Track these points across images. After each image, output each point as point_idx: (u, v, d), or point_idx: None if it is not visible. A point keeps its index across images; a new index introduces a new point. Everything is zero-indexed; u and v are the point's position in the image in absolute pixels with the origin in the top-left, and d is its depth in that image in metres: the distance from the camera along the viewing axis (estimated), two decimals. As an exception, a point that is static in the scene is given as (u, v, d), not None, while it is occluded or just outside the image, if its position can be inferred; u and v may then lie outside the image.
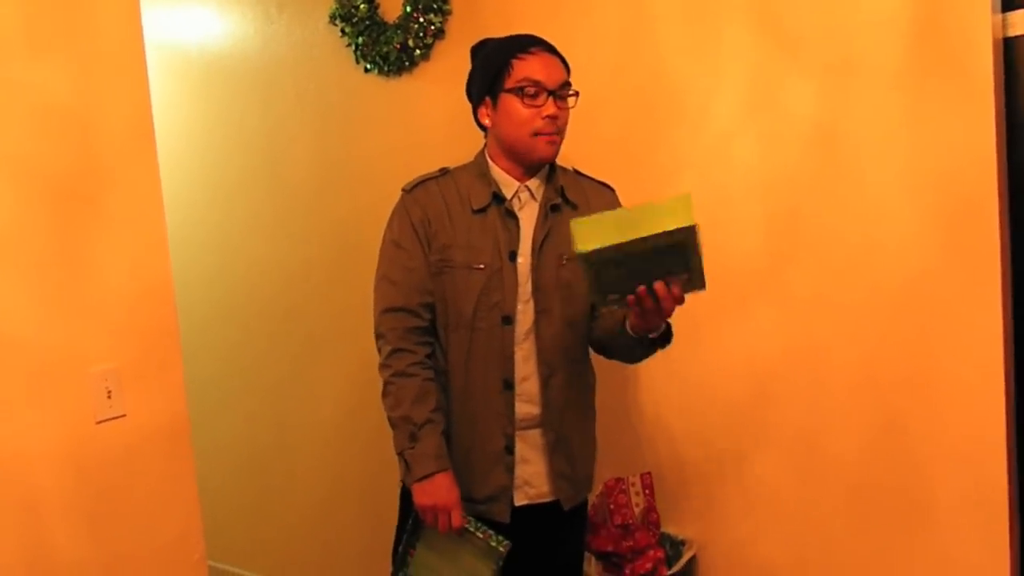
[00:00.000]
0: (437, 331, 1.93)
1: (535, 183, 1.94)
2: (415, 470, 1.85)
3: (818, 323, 2.18)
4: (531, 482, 1.95)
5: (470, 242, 1.89)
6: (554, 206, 1.93)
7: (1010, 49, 1.95)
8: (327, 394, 3.12)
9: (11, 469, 1.66)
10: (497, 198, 1.91)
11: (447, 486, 1.85)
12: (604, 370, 2.14)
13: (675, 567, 2.32)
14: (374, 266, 1.97)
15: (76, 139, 1.76)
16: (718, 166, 2.29)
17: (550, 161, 1.94)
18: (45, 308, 1.70)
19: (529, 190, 1.94)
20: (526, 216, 1.93)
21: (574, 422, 1.99)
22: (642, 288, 1.63)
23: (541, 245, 1.91)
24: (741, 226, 2.23)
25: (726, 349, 2.33)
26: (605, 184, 2.05)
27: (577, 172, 2.03)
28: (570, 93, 1.91)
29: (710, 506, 2.40)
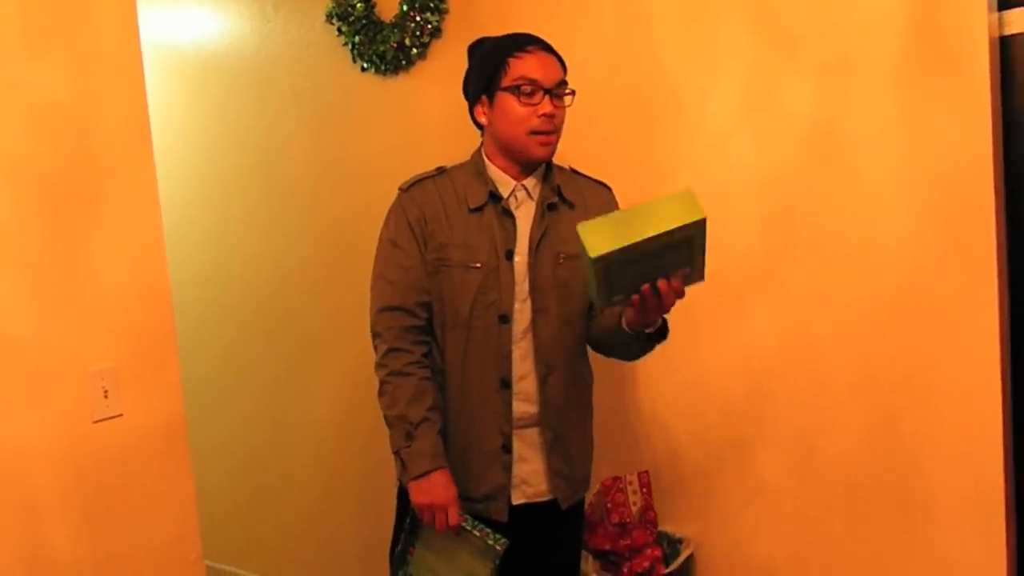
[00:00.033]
0: (434, 330, 1.93)
1: (532, 182, 1.94)
2: (411, 469, 1.85)
3: (815, 322, 2.18)
4: (529, 481, 1.95)
5: (467, 241, 1.89)
6: (551, 205, 1.93)
7: (1006, 47, 1.96)
8: (324, 393, 3.12)
9: (9, 468, 1.66)
10: (494, 197, 1.91)
11: (443, 484, 1.85)
12: (601, 369, 2.14)
13: (673, 565, 2.32)
14: (371, 265, 1.97)
15: (73, 139, 1.75)
16: (715, 165, 2.29)
17: (547, 160, 1.94)
18: (42, 308, 1.70)
19: (526, 189, 1.93)
20: (523, 215, 1.92)
21: (572, 421, 1.99)
22: (646, 286, 1.63)
23: (538, 244, 1.91)
24: (738, 225, 2.24)
25: (723, 348, 2.33)
26: (602, 183, 2.05)
27: (574, 171, 2.03)
28: (566, 92, 1.91)
29: (708, 505, 2.41)
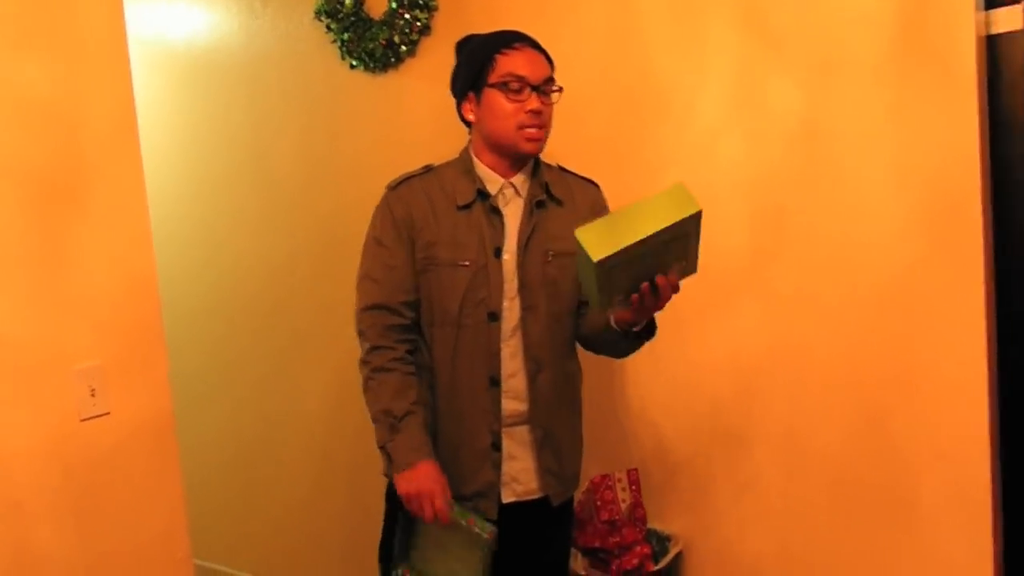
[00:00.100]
0: (422, 328, 1.93)
1: (520, 179, 1.94)
2: (397, 461, 1.84)
3: (803, 320, 2.19)
4: (519, 479, 1.95)
5: (455, 239, 1.89)
6: (539, 202, 1.93)
7: (993, 46, 1.96)
8: (312, 389, 3.12)
9: (-4, 467, 1.65)
10: (482, 195, 1.91)
11: (429, 473, 1.83)
12: (591, 366, 2.15)
13: (661, 562, 2.33)
14: (359, 262, 1.97)
15: (59, 134, 1.74)
16: (703, 163, 2.29)
17: (535, 155, 1.94)
18: (28, 305, 1.69)
19: (514, 187, 1.93)
20: (511, 212, 1.92)
21: (561, 418, 1.99)
22: (646, 284, 1.63)
23: (527, 242, 1.91)
24: (726, 223, 2.24)
25: (712, 345, 2.34)
26: (590, 180, 2.05)
27: (562, 168, 2.03)
28: (554, 89, 1.91)
29: (696, 502, 2.41)
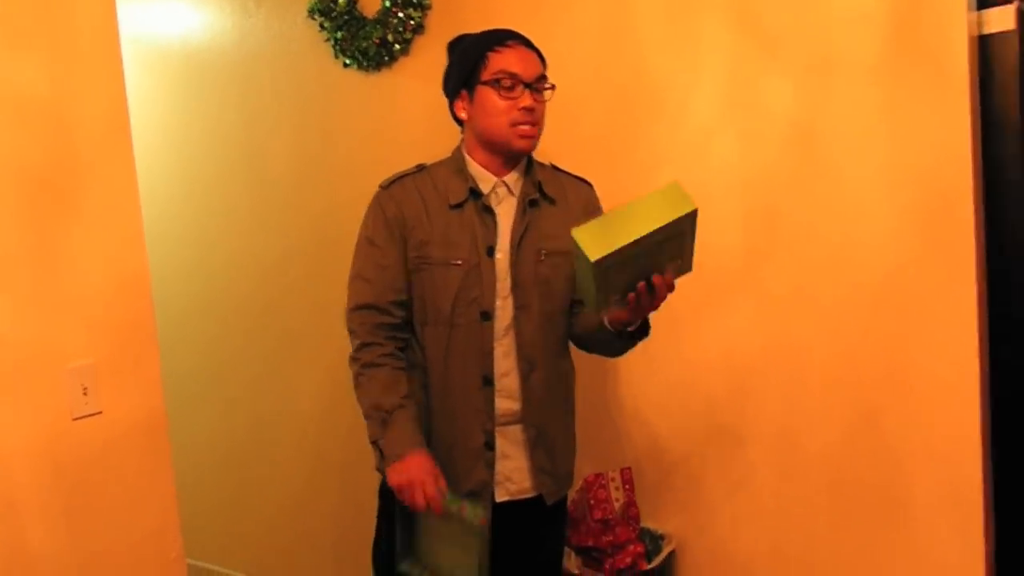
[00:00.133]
0: (415, 327, 1.93)
1: (513, 178, 1.94)
2: (388, 454, 1.83)
3: (796, 319, 2.19)
4: (512, 478, 1.95)
5: (447, 238, 1.88)
6: (532, 201, 1.93)
7: (985, 47, 1.97)
8: (305, 388, 3.11)
9: (-13, 467, 1.64)
10: (474, 193, 1.91)
11: (419, 463, 1.82)
12: (584, 365, 2.15)
13: (655, 561, 2.33)
14: (351, 261, 1.97)
15: (51, 132, 1.73)
16: (697, 163, 2.29)
17: (528, 153, 1.93)
18: (19, 304, 1.68)
19: (506, 185, 1.93)
20: (504, 211, 1.92)
21: (554, 417, 1.99)
22: (642, 284, 1.63)
23: (520, 240, 1.91)
24: (720, 223, 2.24)
25: (705, 345, 2.34)
26: (583, 179, 2.05)
27: (555, 167, 2.03)
28: (546, 86, 1.91)
29: (690, 501, 2.42)
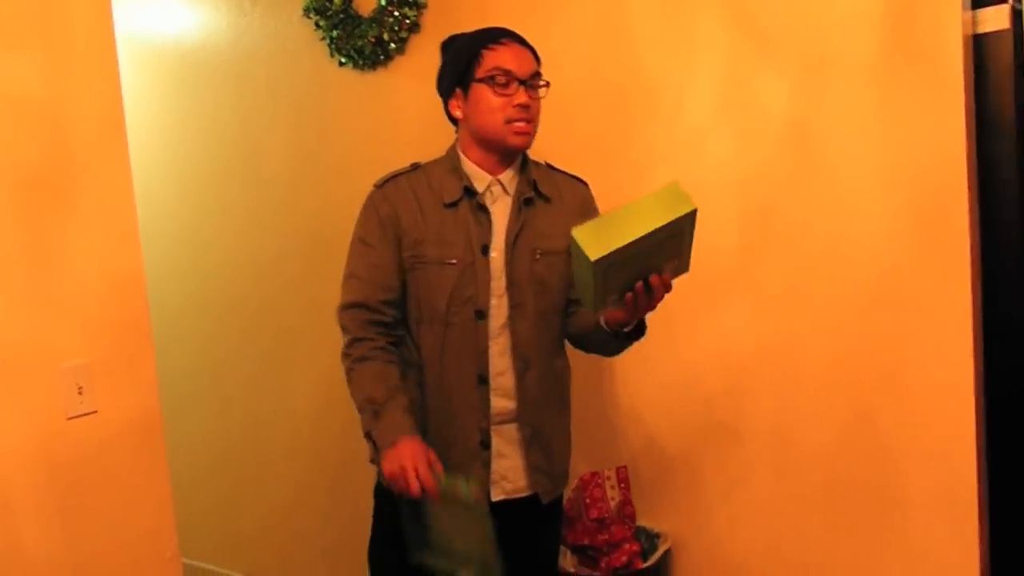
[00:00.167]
0: (410, 326, 1.93)
1: (507, 176, 1.93)
2: (380, 445, 1.81)
3: (791, 319, 2.19)
4: (508, 477, 1.95)
5: (442, 237, 1.88)
6: (527, 200, 1.93)
7: (980, 46, 1.97)
8: (300, 387, 3.11)
9: (-19, 466, 1.64)
10: (469, 192, 1.91)
11: (410, 447, 1.77)
12: (580, 364, 2.15)
13: (650, 560, 2.33)
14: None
15: (46, 131, 1.73)
16: (692, 162, 2.30)
17: (523, 150, 1.93)
18: (14, 303, 1.68)
19: (501, 184, 1.93)
20: (498, 210, 1.92)
21: (550, 416, 1.99)
22: (640, 284, 1.63)
23: (515, 239, 1.91)
24: (715, 222, 2.24)
25: (700, 344, 2.34)
26: (578, 178, 2.04)
27: (550, 166, 2.03)
28: (541, 83, 1.91)
29: (685, 499, 2.42)
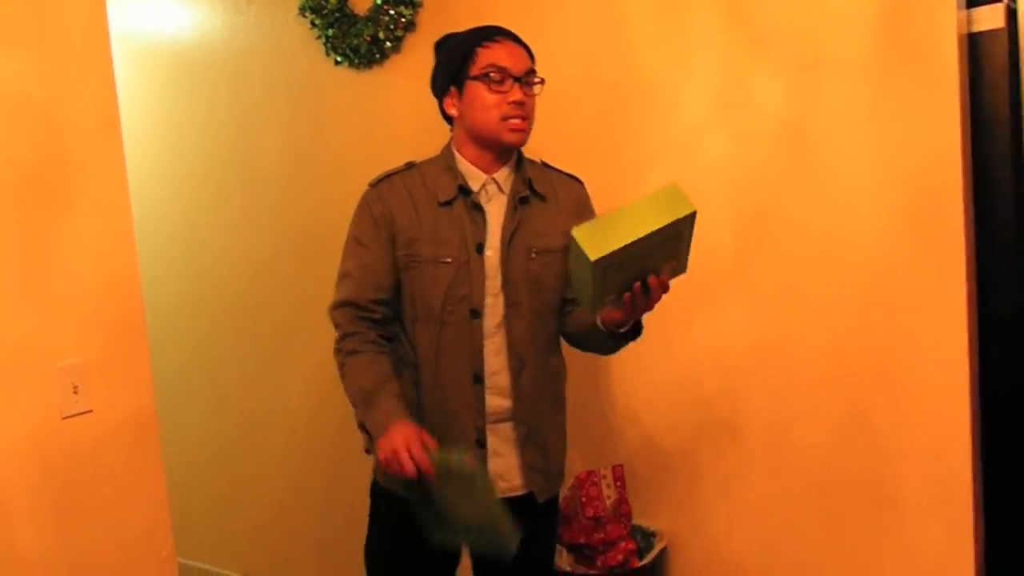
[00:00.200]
0: (405, 325, 1.93)
1: (503, 175, 1.93)
2: (374, 433, 1.79)
3: (786, 318, 2.20)
4: (504, 476, 1.95)
5: (436, 236, 1.88)
6: (523, 198, 1.93)
7: (975, 45, 1.98)
8: (296, 386, 3.11)
9: (-24, 466, 1.64)
10: (463, 191, 1.90)
11: (401, 430, 1.74)
12: (576, 363, 2.15)
13: (646, 558, 2.33)
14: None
15: (41, 130, 1.73)
16: (688, 161, 2.30)
17: (519, 147, 1.93)
18: (9, 302, 1.68)
19: (496, 183, 1.93)
20: (494, 209, 1.92)
21: (545, 415, 1.99)
22: (637, 285, 1.64)
23: (511, 238, 1.90)
24: (710, 221, 2.23)
25: (696, 343, 2.34)
26: (573, 176, 2.04)
27: (545, 164, 2.03)
28: (536, 80, 1.91)
29: (681, 498, 2.42)
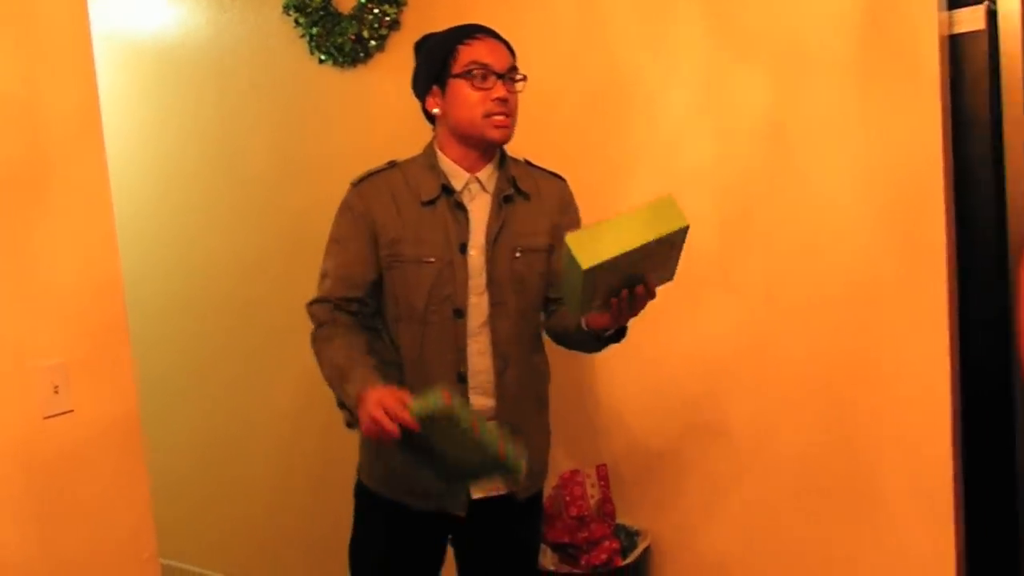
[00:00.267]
0: (387, 324, 1.93)
1: (486, 173, 1.93)
2: (351, 407, 1.75)
3: (769, 317, 2.20)
4: (487, 475, 1.95)
5: (419, 235, 1.88)
6: (507, 197, 1.93)
7: (956, 46, 1.99)
8: (284, 387, 3.10)
9: (-45, 467, 1.63)
10: (446, 190, 1.90)
11: (376, 394, 1.66)
12: (561, 362, 2.15)
13: (630, 557, 2.34)
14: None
15: (21, 131, 1.72)
16: (671, 160, 2.30)
17: (503, 144, 1.92)
18: (-11, 302, 1.67)
19: (479, 182, 1.92)
20: (477, 208, 1.91)
21: (529, 414, 1.99)
22: (625, 292, 1.64)
23: (496, 237, 1.90)
24: (694, 221, 2.18)
25: (681, 343, 2.35)
26: (556, 174, 2.04)
27: (528, 163, 2.03)
28: (518, 77, 1.91)
29: (665, 497, 2.43)
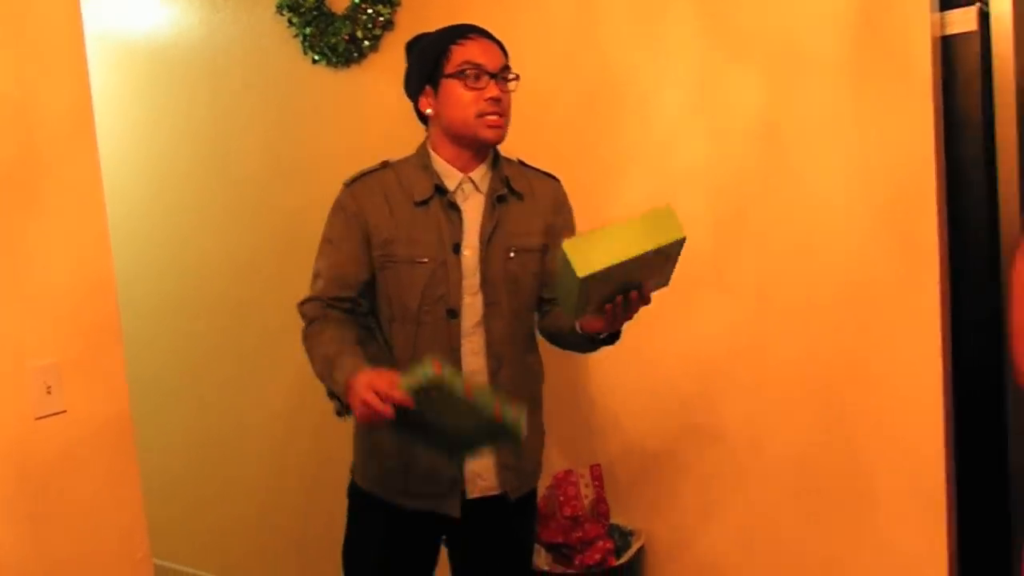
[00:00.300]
0: (381, 324, 1.92)
1: (479, 173, 1.93)
2: (341, 394, 1.74)
3: (763, 317, 2.21)
4: (481, 475, 1.94)
5: (412, 236, 1.88)
6: (500, 197, 1.93)
7: (948, 48, 1.99)
8: (277, 387, 3.10)
9: (-53, 467, 1.63)
10: (439, 190, 1.90)
11: (364, 378, 1.65)
12: (555, 362, 2.15)
13: (624, 557, 2.34)
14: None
15: (13, 131, 1.72)
16: (664, 161, 2.30)
17: (496, 143, 1.92)
18: (-19, 303, 1.67)
19: (472, 182, 1.92)
20: (470, 208, 1.91)
21: (522, 414, 1.99)
22: (619, 298, 1.65)
23: (490, 237, 1.90)
24: (687, 221, 2.17)
25: (675, 343, 2.35)
26: (550, 174, 2.04)
27: (522, 163, 2.03)
28: (511, 76, 1.91)
29: (659, 497, 2.43)
